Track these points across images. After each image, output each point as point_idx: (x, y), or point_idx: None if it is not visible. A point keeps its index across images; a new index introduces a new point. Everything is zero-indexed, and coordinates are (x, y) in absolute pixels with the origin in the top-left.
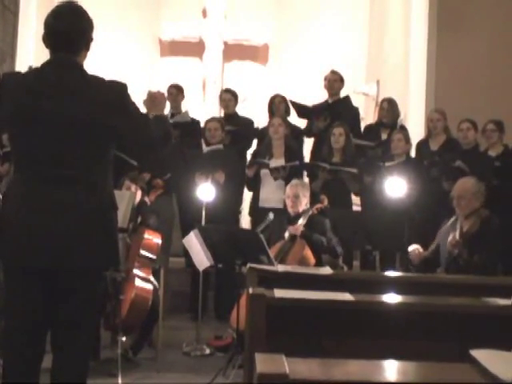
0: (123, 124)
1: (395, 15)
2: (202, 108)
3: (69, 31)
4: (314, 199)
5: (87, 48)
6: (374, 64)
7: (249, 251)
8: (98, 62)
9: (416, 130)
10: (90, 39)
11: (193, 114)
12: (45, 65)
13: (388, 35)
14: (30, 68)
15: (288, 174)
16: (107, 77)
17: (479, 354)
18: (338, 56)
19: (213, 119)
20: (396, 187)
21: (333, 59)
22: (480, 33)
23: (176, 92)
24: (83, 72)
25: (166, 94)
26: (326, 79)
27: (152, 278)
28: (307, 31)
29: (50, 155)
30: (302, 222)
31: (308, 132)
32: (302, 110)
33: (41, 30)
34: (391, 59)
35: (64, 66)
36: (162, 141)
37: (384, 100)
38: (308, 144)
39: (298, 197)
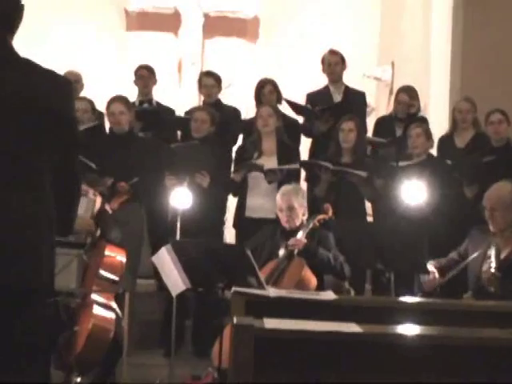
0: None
1: None
2: (177, 95)
3: None
4: (315, 208)
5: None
6: (388, 43)
7: (234, 271)
8: (49, 40)
9: (438, 124)
10: (13, 20)
11: (166, 102)
12: None
13: (405, 9)
14: None
15: (284, 177)
16: (62, 59)
17: None
18: (345, 33)
19: (202, 108)
20: (414, 192)
21: (338, 37)
22: None
23: (146, 75)
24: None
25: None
26: (323, 62)
27: (114, 305)
28: (307, 2)
29: None
30: (301, 235)
31: (307, 132)
32: (299, 109)
33: None
34: (409, 38)
35: None
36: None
37: (401, 91)
38: (305, 141)
39: (293, 208)
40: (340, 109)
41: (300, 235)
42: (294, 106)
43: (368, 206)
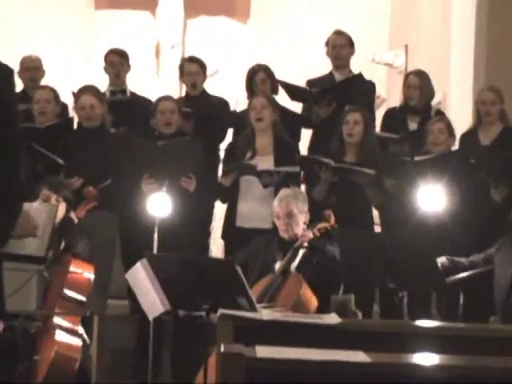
0: None
1: None
2: (155, 84)
3: None
4: (314, 214)
5: None
6: (401, 24)
7: (221, 291)
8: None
9: (459, 117)
10: None
11: (142, 92)
12: None
13: None
14: None
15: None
16: (19, 42)
17: None
18: (352, 12)
19: (166, 98)
20: (431, 195)
21: (343, 16)
22: None
23: (118, 61)
24: None
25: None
26: (328, 44)
27: (81, 330)
28: None
29: None
30: (306, 230)
31: (306, 122)
32: (295, 92)
33: None
34: (426, 17)
35: None
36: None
37: (411, 74)
38: (305, 138)
39: (293, 215)
40: (343, 90)
41: (305, 230)
42: (287, 87)
43: (375, 212)
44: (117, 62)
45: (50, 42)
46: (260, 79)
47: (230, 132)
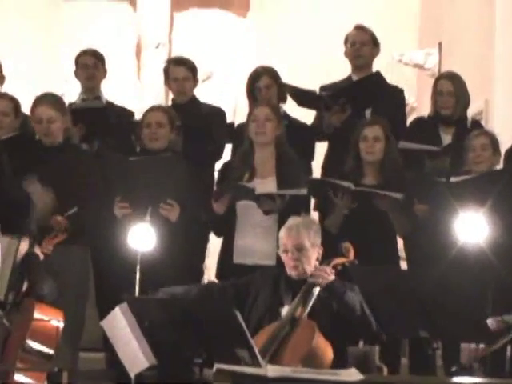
0: None
1: None
2: (135, 90)
3: None
4: (328, 248)
5: None
6: (433, 18)
7: (217, 341)
8: None
9: (504, 129)
10: None
11: (121, 101)
12: None
13: None
14: None
15: (287, 205)
16: None
17: None
18: (374, 3)
19: (157, 108)
20: (473, 224)
21: (362, 9)
22: None
23: (92, 63)
24: None
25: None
26: (346, 41)
27: None
28: None
29: None
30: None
31: (317, 133)
32: (302, 97)
33: None
34: (463, 9)
35: None
36: None
37: (442, 78)
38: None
39: (304, 249)
40: (359, 91)
41: (318, 268)
42: (293, 91)
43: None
44: (91, 64)
45: (10, 40)
46: (264, 85)
47: (228, 149)
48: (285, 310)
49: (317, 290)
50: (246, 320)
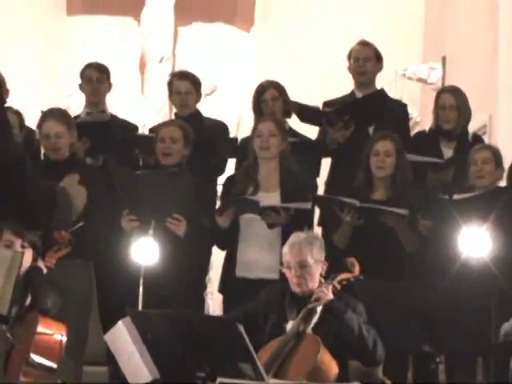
0: None
1: None
2: (139, 104)
3: None
4: (334, 263)
5: None
6: (437, 32)
7: (220, 355)
8: None
9: (508, 144)
10: None
11: (125, 115)
12: None
13: None
14: None
15: (291, 220)
16: None
17: None
18: (378, 18)
19: (171, 123)
20: (476, 240)
21: (368, 23)
22: None
23: (96, 77)
24: None
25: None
26: (350, 56)
27: None
28: None
29: None
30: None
31: (322, 149)
32: (306, 113)
33: None
34: (466, 24)
35: None
36: None
37: (444, 92)
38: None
39: (307, 265)
40: (362, 108)
41: (322, 285)
42: (297, 107)
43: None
44: (95, 78)
45: (15, 54)
46: (270, 97)
47: (231, 164)
48: (289, 326)
49: (319, 309)
50: (256, 340)
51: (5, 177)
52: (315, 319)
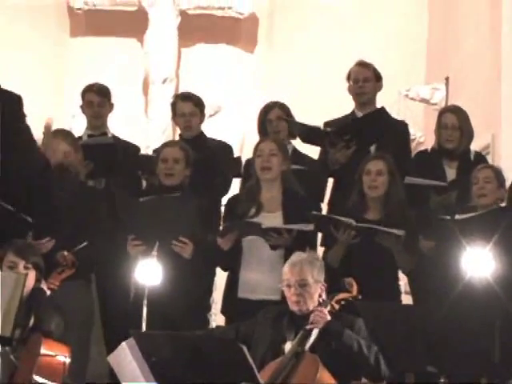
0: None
1: None
2: (142, 126)
3: None
4: (332, 283)
5: None
6: (440, 52)
7: (223, 376)
8: None
9: (510, 165)
10: None
11: (128, 137)
12: None
13: (464, 5)
14: None
15: (294, 241)
16: None
17: None
18: (380, 38)
19: (173, 144)
20: (479, 260)
21: (370, 44)
22: None
23: (98, 99)
24: None
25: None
26: (349, 77)
27: None
28: None
29: None
30: (323, 310)
31: (323, 170)
32: (308, 133)
33: None
34: (470, 44)
35: None
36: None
37: (446, 111)
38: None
39: (306, 284)
40: (363, 127)
41: (320, 305)
42: (299, 127)
43: (403, 280)
44: (96, 100)
45: (17, 75)
46: (275, 116)
47: (236, 184)
48: (288, 347)
49: (316, 330)
50: (254, 358)
51: (33, 181)
52: (312, 340)
